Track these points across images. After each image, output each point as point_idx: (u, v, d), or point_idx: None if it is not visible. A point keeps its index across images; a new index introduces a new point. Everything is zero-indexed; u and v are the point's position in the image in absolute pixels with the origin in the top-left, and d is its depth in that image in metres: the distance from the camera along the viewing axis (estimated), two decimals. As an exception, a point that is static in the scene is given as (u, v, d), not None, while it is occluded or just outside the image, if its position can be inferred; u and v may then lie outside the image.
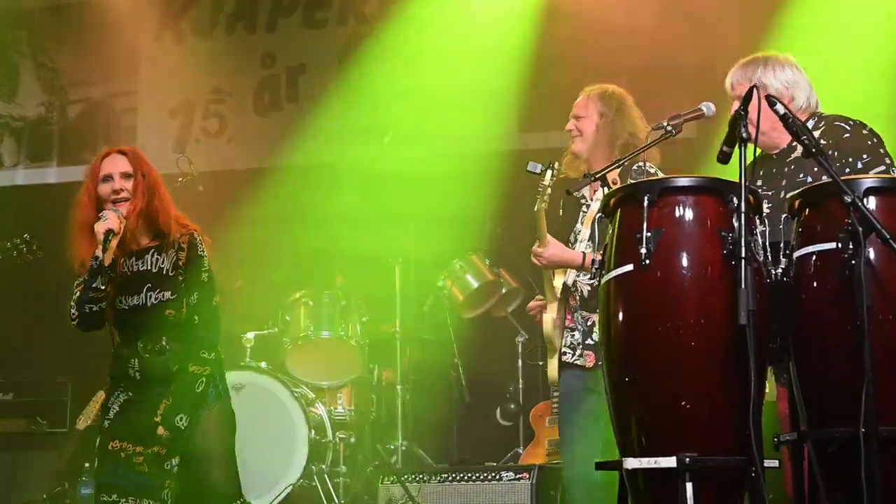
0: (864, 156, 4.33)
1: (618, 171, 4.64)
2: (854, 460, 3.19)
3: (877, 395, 3.17)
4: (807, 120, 4.53)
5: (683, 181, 3.57)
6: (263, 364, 7.58)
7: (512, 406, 8.21)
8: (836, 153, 4.34)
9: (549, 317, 4.99)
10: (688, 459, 3.28)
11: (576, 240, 5.07)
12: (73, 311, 4.94)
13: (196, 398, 4.94)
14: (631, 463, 3.44)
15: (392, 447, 7.73)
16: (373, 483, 6.60)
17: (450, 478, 6.11)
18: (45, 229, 6.82)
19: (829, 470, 3.43)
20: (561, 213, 5.29)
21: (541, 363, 7.84)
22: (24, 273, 7.57)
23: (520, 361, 8.24)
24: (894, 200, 3.44)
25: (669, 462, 3.31)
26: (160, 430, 4.82)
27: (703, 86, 7.79)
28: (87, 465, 7.29)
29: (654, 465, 3.36)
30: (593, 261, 3.79)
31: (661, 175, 5.00)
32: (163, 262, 4.99)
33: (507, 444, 8.03)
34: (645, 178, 4.91)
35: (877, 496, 3.15)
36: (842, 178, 3.45)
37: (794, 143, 4.44)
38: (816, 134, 4.41)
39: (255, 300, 8.09)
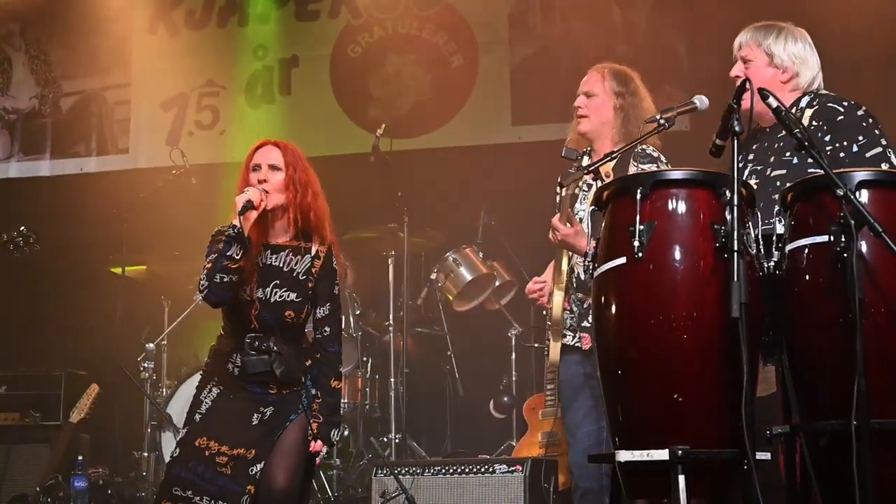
0: (860, 138, 4.26)
1: (612, 163, 4.63)
2: (846, 453, 3.20)
3: (868, 387, 3.17)
4: (802, 96, 4.51)
5: (676, 174, 3.58)
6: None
7: (505, 399, 8.21)
8: (829, 136, 4.29)
9: (559, 299, 4.98)
10: (680, 452, 3.28)
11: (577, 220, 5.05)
12: (203, 282, 4.72)
13: (340, 415, 4.99)
14: (624, 455, 3.44)
15: (385, 440, 7.74)
16: (366, 476, 6.60)
17: (443, 470, 6.11)
18: (38, 222, 6.81)
19: (822, 462, 3.43)
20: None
21: (535, 345, 7.86)
22: (18, 266, 7.56)
23: (513, 354, 8.25)
24: (887, 193, 3.44)
25: (662, 454, 3.31)
26: (318, 446, 4.80)
27: (697, 78, 7.85)
28: (80, 457, 7.29)
29: (646, 458, 3.37)
30: (586, 253, 3.79)
31: (663, 160, 4.99)
32: (296, 263, 4.93)
33: (501, 437, 8.04)
34: (648, 162, 4.91)
35: (869, 488, 3.15)
36: (837, 169, 3.45)
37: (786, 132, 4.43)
38: (809, 112, 4.40)
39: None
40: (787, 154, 4.33)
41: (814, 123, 4.35)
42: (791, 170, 4.24)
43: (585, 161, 4.90)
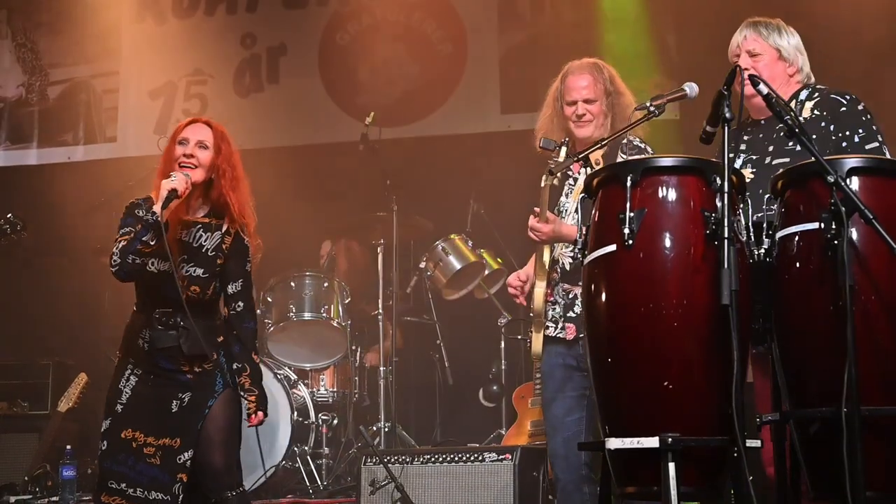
0: (860, 130, 4.34)
1: (601, 151, 4.62)
2: (836, 440, 3.20)
3: (859, 375, 3.18)
4: (801, 90, 4.55)
5: (666, 161, 3.57)
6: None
7: (494, 387, 8.21)
8: (832, 126, 4.36)
9: (540, 291, 4.98)
10: (670, 439, 3.28)
11: (561, 212, 5.05)
12: (115, 258, 4.83)
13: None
14: (614, 443, 3.44)
15: (375, 429, 7.73)
16: (355, 464, 6.60)
17: (433, 459, 6.10)
18: (25, 211, 6.77)
19: (812, 449, 3.44)
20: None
21: (521, 337, 7.86)
22: (5, 255, 7.54)
23: (502, 343, 8.24)
24: (877, 181, 3.45)
25: (652, 442, 3.31)
26: (259, 417, 4.92)
27: (687, 66, 7.84)
28: (68, 447, 7.27)
29: (636, 446, 3.36)
30: (576, 241, 3.78)
31: (650, 150, 4.99)
32: (206, 240, 4.98)
33: (490, 426, 8.04)
34: (636, 154, 4.91)
35: (858, 476, 3.16)
36: (831, 156, 3.46)
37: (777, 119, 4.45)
38: (810, 104, 4.45)
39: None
40: (790, 143, 4.34)
41: (815, 113, 4.41)
42: (794, 157, 4.26)
43: (563, 152, 4.88)
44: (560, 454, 4.95)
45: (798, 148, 4.27)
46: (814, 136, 4.22)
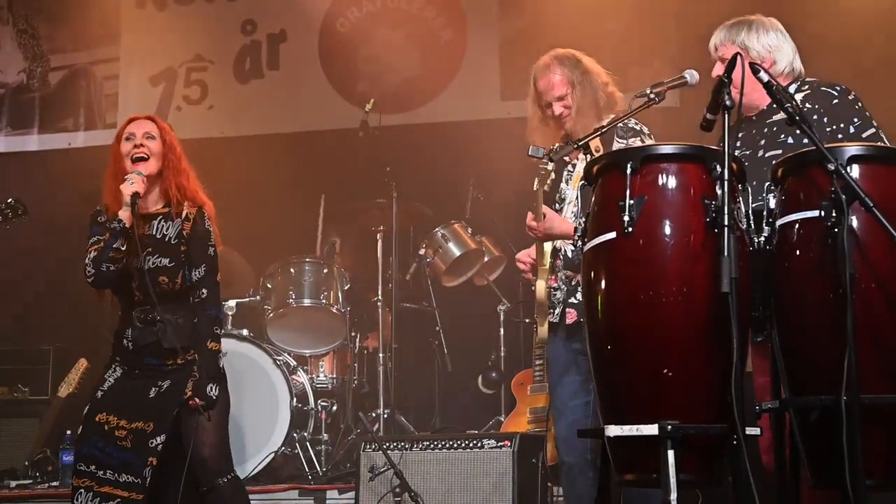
0: (855, 119, 4.35)
1: (599, 137, 4.62)
2: (836, 428, 3.20)
3: (859, 362, 3.18)
4: (789, 84, 4.54)
5: (666, 148, 3.56)
6: (245, 332, 7.58)
7: (493, 374, 8.22)
8: (826, 119, 4.36)
9: (542, 283, 4.98)
10: (669, 427, 3.28)
11: (562, 200, 5.05)
12: (89, 269, 4.98)
13: (219, 374, 5.06)
14: (613, 430, 3.44)
15: (374, 415, 7.74)
16: (354, 451, 6.59)
17: (431, 445, 6.11)
18: (26, 197, 6.77)
19: (811, 438, 3.45)
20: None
21: (526, 320, 7.86)
22: (4, 239, 7.53)
23: (501, 330, 8.25)
24: (878, 168, 3.45)
25: (651, 430, 3.31)
26: (196, 402, 4.88)
27: (686, 53, 7.83)
28: (68, 432, 7.29)
29: (636, 433, 3.37)
30: (576, 228, 3.78)
31: (646, 131, 4.99)
32: (168, 229, 5.06)
33: (489, 412, 8.05)
34: (632, 135, 4.91)
35: (858, 464, 3.16)
36: (827, 145, 3.45)
37: (775, 104, 4.44)
38: (799, 97, 4.44)
39: (235, 267, 8.08)
40: (782, 136, 4.35)
41: (807, 106, 4.40)
42: (786, 150, 4.26)
43: (550, 165, 4.86)
44: (565, 438, 4.96)
45: (791, 140, 4.30)
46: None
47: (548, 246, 5.02)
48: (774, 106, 4.39)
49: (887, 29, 7.82)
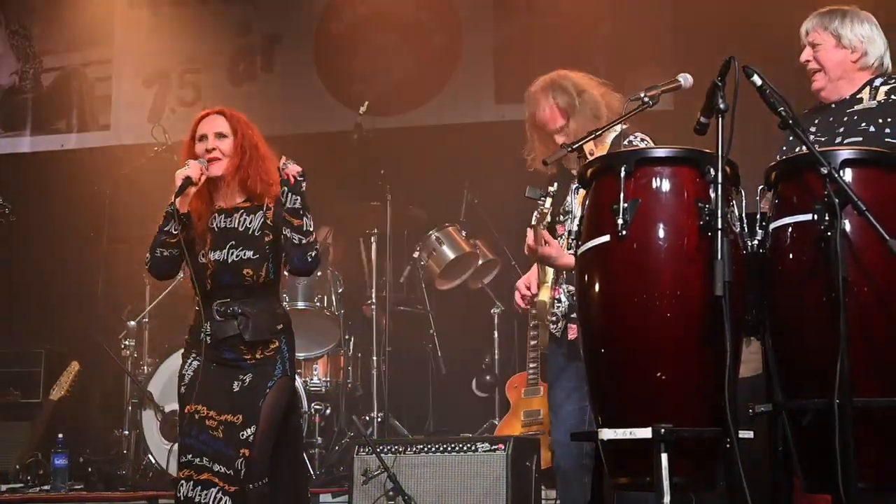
0: None
1: (593, 141, 4.60)
2: (828, 431, 3.20)
3: (851, 366, 3.18)
4: (875, 77, 4.54)
5: (660, 152, 3.56)
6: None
7: (488, 377, 8.22)
8: None
9: (543, 300, 4.96)
10: (663, 430, 3.27)
11: (566, 212, 5.02)
12: (147, 255, 4.97)
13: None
14: (606, 433, 3.44)
15: (368, 418, 7.74)
16: (348, 454, 6.59)
17: (425, 449, 6.10)
18: (18, 198, 6.76)
19: (804, 441, 3.44)
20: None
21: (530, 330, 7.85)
22: (-2, 243, 7.54)
23: (496, 333, 8.25)
24: (870, 172, 3.45)
25: (645, 433, 3.30)
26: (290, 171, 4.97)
27: (681, 57, 7.83)
28: (60, 435, 7.28)
29: (629, 436, 3.36)
30: (569, 231, 3.78)
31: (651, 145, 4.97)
32: (251, 221, 4.99)
33: (483, 416, 8.05)
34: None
35: (850, 467, 3.16)
36: (821, 149, 3.45)
37: (859, 95, 4.49)
38: (885, 89, 4.44)
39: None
40: (863, 124, 4.35)
41: (892, 98, 4.40)
42: (867, 137, 4.28)
43: (548, 203, 4.81)
44: (562, 442, 4.95)
45: (872, 128, 4.30)
46: (889, 119, 4.28)
47: None
48: (858, 95, 4.42)
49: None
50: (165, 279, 5.10)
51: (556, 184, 4.67)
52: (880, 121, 4.32)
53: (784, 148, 4.57)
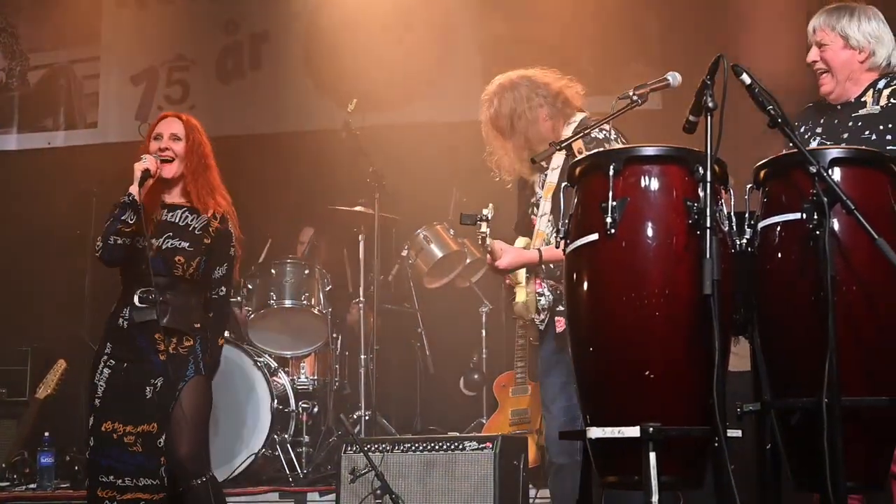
0: None
1: (583, 139, 4.61)
2: (817, 430, 3.20)
3: (840, 365, 3.18)
4: (879, 78, 4.53)
5: (649, 150, 3.55)
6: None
7: (475, 376, 8.21)
8: None
9: (520, 301, 4.96)
10: (651, 429, 3.27)
11: (537, 205, 5.02)
12: (98, 242, 5.06)
13: (216, 368, 5.28)
14: (595, 432, 3.43)
15: (355, 417, 7.72)
16: (335, 453, 6.58)
17: (413, 447, 6.09)
18: (5, 196, 6.74)
19: (792, 439, 3.44)
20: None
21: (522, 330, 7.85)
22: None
23: (483, 332, 8.24)
24: (859, 171, 3.45)
25: (633, 431, 3.30)
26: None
27: (668, 56, 7.84)
28: (46, 434, 7.26)
29: (617, 435, 3.36)
30: (558, 230, 3.77)
31: (613, 136, 4.94)
32: (193, 220, 5.18)
33: (471, 414, 8.04)
34: (595, 146, 4.84)
35: (839, 466, 3.16)
36: (809, 148, 3.45)
37: (862, 98, 4.48)
38: (887, 92, 4.45)
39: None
40: (866, 132, 4.34)
41: (892, 101, 4.40)
42: (870, 145, 4.25)
43: (484, 227, 4.84)
44: (555, 439, 4.94)
45: (874, 136, 4.29)
46: (890, 125, 4.29)
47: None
48: (861, 98, 4.41)
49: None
50: (115, 266, 5.13)
51: (489, 205, 4.75)
52: (881, 127, 4.32)
53: (790, 145, 4.57)
